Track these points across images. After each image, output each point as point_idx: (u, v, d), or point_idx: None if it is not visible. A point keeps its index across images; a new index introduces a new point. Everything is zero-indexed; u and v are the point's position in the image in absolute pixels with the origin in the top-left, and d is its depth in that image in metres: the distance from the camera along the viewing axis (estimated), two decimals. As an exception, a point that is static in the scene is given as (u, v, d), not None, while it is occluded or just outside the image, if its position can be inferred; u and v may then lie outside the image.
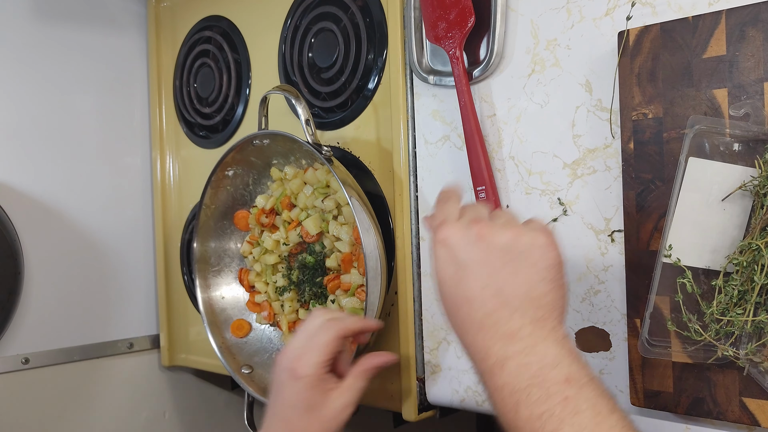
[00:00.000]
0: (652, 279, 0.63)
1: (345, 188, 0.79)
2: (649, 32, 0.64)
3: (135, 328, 1.20)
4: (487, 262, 0.54)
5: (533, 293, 0.53)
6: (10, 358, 1.04)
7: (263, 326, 0.99)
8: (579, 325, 0.72)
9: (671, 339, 0.62)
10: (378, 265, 0.80)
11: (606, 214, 0.69)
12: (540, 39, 0.74)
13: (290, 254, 0.95)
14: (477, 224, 0.55)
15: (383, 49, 0.88)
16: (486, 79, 0.78)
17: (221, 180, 0.96)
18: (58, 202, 1.10)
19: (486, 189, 0.76)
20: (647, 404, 0.65)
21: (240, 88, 1.08)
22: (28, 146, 1.08)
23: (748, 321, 0.57)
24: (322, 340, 0.70)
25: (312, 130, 0.85)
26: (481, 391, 0.80)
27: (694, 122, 0.60)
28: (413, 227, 0.85)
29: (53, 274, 1.09)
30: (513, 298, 0.52)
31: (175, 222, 1.19)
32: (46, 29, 1.10)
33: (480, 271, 0.54)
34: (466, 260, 0.54)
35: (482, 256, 0.54)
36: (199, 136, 1.15)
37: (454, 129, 0.81)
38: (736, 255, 0.59)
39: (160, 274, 1.20)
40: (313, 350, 0.69)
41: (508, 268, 0.53)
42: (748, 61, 0.59)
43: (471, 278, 0.54)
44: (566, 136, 0.72)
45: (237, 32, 1.08)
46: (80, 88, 1.14)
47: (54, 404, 1.09)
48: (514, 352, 0.51)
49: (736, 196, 0.60)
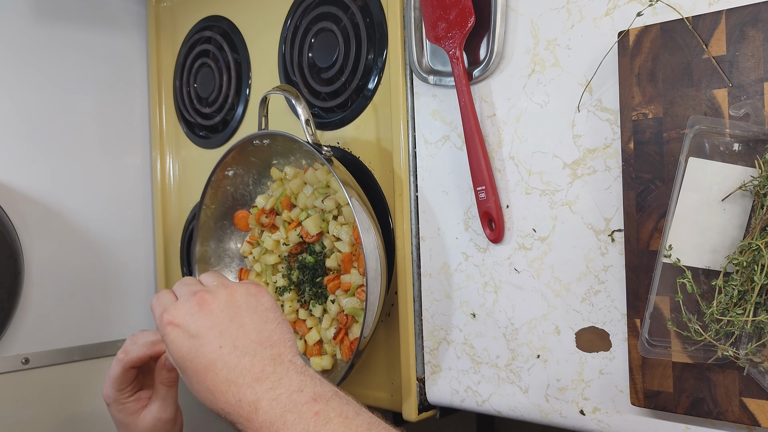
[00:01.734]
0: (652, 279, 0.63)
1: (345, 188, 0.79)
2: (649, 32, 0.64)
3: (135, 328, 1.19)
4: (216, 324, 0.59)
5: (263, 335, 0.59)
6: (10, 358, 1.04)
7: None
8: (579, 325, 0.72)
9: (671, 339, 0.62)
10: (378, 265, 0.80)
11: (606, 214, 0.69)
12: (540, 39, 0.74)
13: (290, 254, 0.95)
14: (195, 295, 0.60)
15: (383, 49, 0.88)
16: (486, 79, 0.78)
17: (221, 180, 0.96)
18: (58, 202, 1.10)
19: (486, 189, 0.76)
20: (647, 404, 0.65)
21: (240, 88, 1.08)
22: (28, 146, 1.07)
23: (748, 321, 0.57)
24: (111, 374, 0.73)
25: (312, 130, 0.85)
26: (481, 391, 0.80)
27: (694, 122, 0.60)
28: (413, 227, 0.85)
29: (53, 274, 1.09)
30: (248, 346, 0.58)
31: (175, 222, 1.19)
32: (46, 29, 1.10)
33: (212, 334, 0.58)
34: (198, 330, 0.59)
35: (210, 320, 0.59)
36: (199, 136, 1.15)
37: (454, 129, 0.81)
38: (736, 255, 0.59)
39: (160, 274, 1.20)
40: (107, 382, 0.74)
41: (236, 322, 0.59)
42: (748, 61, 0.59)
43: (206, 344, 0.58)
44: (566, 136, 0.72)
45: (237, 32, 1.08)
46: (80, 88, 1.14)
47: (54, 404, 1.09)
48: (264, 391, 0.56)
49: (736, 196, 0.60)
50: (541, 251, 0.74)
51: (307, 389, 0.56)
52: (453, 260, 0.82)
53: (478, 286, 0.80)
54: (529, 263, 0.75)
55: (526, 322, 0.76)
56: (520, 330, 0.76)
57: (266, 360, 0.57)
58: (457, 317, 0.81)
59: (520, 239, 0.76)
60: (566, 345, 0.73)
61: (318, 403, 0.55)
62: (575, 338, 0.72)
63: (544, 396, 0.75)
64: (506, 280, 0.77)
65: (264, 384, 0.56)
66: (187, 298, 0.61)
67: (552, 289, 0.73)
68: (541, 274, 0.74)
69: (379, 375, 0.89)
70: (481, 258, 0.79)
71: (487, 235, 0.78)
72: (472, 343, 0.80)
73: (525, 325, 0.76)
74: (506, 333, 0.77)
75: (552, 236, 0.73)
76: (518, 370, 0.77)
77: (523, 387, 0.76)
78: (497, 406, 0.79)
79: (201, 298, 0.60)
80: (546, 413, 0.75)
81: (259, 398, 0.55)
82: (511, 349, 0.77)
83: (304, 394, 0.56)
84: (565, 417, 0.73)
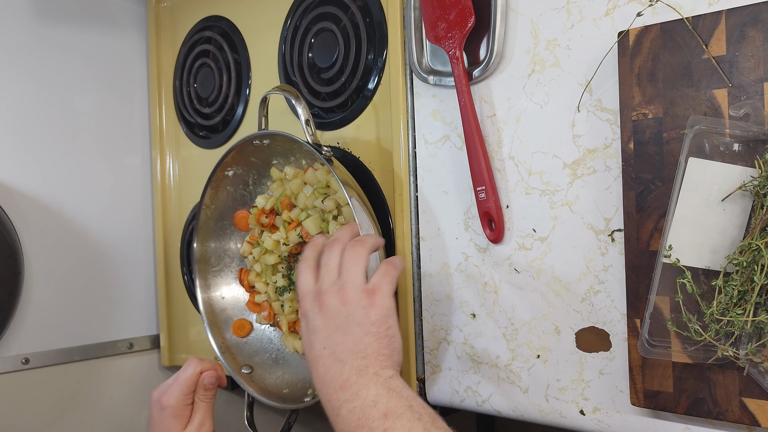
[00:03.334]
0: (652, 279, 0.63)
1: (345, 188, 0.79)
2: (649, 32, 0.64)
3: (135, 328, 1.20)
4: (325, 327, 0.67)
5: (358, 347, 0.64)
6: (10, 358, 1.04)
7: (263, 326, 0.99)
8: (579, 325, 0.72)
9: (671, 339, 0.62)
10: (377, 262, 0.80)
11: (606, 214, 0.69)
12: (540, 39, 0.74)
13: (290, 254, 0.95)
14: (321, 295, 0.68)
15: (383, 49, 0.88)
16: (486, 79, 0.78)
17: (221, 180, 0.96)
18: (58, 202, 1.10)
19: (486, 189, 0.76)
20: (647, 404, 0.65)
21: (240, 88, 1.08)
22: (28, 146, 1.07)
23: (748, 321, 0.57)
24: (183, 375, 0.82)
25: (312, 130, 0.85)
26: (481, 391, 0.80)
27: (694, 122, 0.60)
28: (413, 227, 0.85)
29: (53, 274, 1.09)
30: (343, 354, 0.64)
31: (175, 222, 1.19)
32: (46, 29, 1.10)
33: (321, 335, 0.67)
34: (314, 327, 0.68)
35: (323, 322, 0.67)
36: (199, 136, 1.15)
37: (454, 129, 0.81)
38: (736, 255, 0.59)
39: (160, 274, 1.20)
40: (176, 384, 0.82)
41: (341, 330, 0.65)
42: (748, 61, 0.59)
43: (316, 342, 0.67)
44: (566, 136, 0.72)
45: (237, 32, 1.08)
46: (80, 89, 1.14)
47: (54, 404, 1.09)
48: (344, 400, 0.62)
49: (736, 196, 0.60)
50: (541, 251, 0.74)
51: (381, 404, 0.61)
52: (453, 260, 0.82)
53: (478, 286, 0.80)
54: (529, 263, 0.75)
55: (526, 322, 0.76)
56: (520, 330, 0.76)
57: (353, 370, 0.63)
58: (457, 317, 0.81)
59: (520, 239, 0.76)
60: (566, 345, 0.73)
61: (388, 420, 0.59)
62: (575, 338, 0.72)
63: (544, 396, 0.75)
64: (506, 281, 0.77)
65: (346, 392, 0.62)
66: (316, 297, 0.69)
67: (552, 289, 0.73)
68: (541, 274, 0.74)
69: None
70: (481, 258, 0.79)
71: (487, 235, 0.78)
72: (472, 343, 0.80)
73: (525, 325, 0.76)
74: (506, 333, 0.77)
75: (552, 236, 0.73)
76: (518, 370, 0.77)
77: (523, 387, 0.76)
78: (497, 406, 0.79)
79: (322, 300, 0.68)
80: (546, 413, 0.75)
81: (341, 405, 0.62)
82: (511, 349, 0.77)
83: (377, 408, 0.60)
84: (565, 417, 0.73)
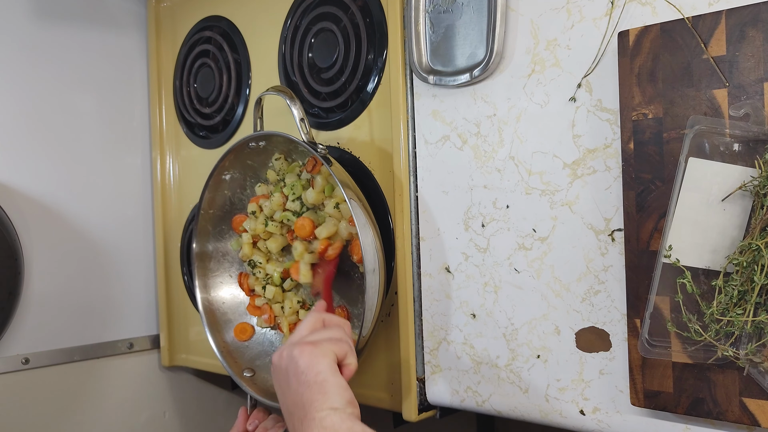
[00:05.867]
0: (652, 279, 0.63)
1: (342, 186, 0.79)
2: (649, 32, 0.64)
3: (135, 328, 1.20)
4: (278, 386, 0.71)
5: (297, 398, 0.67)
6: (10, 358, 1.04)
7: (264, 329, 0.99)
8: (579, 325, 0.72)
9: (671, 339, 0.62)
10: (376, 259, 0.80)
11: (606, 214, 0.69)
12: (540, 39, 0.74)
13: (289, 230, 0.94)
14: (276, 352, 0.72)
15: (383, 49, 0.88)
16: (486, 79, 0.78)
17: (219, 184, 0.96)
18: (58, 202, 1.10)
19: None
20: (647, 404, 0.65)
21: (240, 88, 1.08)
22: (28, 146, 1.08)
23: (748, 321, 0.57)
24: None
25: (306, 129, 0.85)
26: (481, 391, 0.80)
27: (694, 122, 0.60)
28: (413, 227, 0.85)
29: (53, 274, 1.09)
30: (290, 407, 0.68)
31: (175, 222, 1.19)
32: (46, 29, 1.10)
33: (278, 393, 0.71)
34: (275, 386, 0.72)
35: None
36: (199, 136, 1.15)
37: (454, 129, 0.81)
38: (736, 255, 0.59)
39: (160, 274, 1.20)
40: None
41: (285, 384, 0.69)
42: (748, 61, 0.59)
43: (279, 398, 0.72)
44: (566, 136, 0.72)
45: (237, 32, 1.08)
46: (80, 89, 1.14)
47: (54, 404, 1.09)
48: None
49: (736, 196, 0.60)
50: (541, 251, 0.74)
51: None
52: (453, 260, 0.82)
53: (478, 286, 0.80)
54: (529, 263, 0.75)
55: (526, 322, 0.76)
56: (520, 330, 0.76)
57: (297, 420, 0.66)
58: (457, 317, 0.81)
59: (520, 239, 0.76)
60: (566, 345, 0.73)
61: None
62: (575, 338, 0.72)
63: (544, 396, 0.75)
64: (506, 280, 0.77)
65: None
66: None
67: (552, 289, 0.73)
68: (541, 274, 0.74)
69: (380, 375, 0.89)
70: (481, 258, 0.79)
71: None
72: (472, 343, 0.80)
73: (525, 325, 0.76)
74: (506, 333, 0.77)
75: (552, 236, 0.73)
76: (518, 370, 0.76)
77: (523, 387, 0.76)
78: (497, 406, 0.79)
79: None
80: (546, 413, 0.75)
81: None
82: (511, 349, 0.77)
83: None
84: (565, 417, 0.73)
